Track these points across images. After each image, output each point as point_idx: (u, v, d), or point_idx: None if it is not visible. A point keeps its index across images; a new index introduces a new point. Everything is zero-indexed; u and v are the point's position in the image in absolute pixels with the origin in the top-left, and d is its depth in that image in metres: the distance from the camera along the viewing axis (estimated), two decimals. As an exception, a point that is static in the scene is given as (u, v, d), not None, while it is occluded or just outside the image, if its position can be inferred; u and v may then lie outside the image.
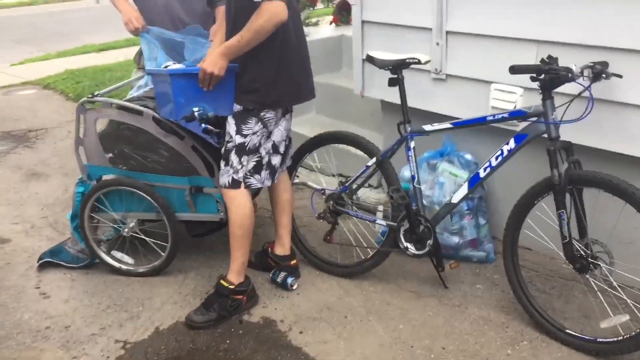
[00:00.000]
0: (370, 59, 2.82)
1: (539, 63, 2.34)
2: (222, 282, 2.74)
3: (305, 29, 4.73)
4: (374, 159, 2.84)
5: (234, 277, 2.74)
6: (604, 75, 2.36)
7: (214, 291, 2.77)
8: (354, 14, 3.60)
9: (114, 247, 3.16)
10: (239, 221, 2.67)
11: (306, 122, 4.45)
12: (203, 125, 2.62)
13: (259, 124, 2.59)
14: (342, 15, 5.03)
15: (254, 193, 3.28)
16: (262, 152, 2.65)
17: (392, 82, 2.77)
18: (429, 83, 3.30)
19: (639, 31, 2.41)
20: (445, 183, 3.08)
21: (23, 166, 4.76)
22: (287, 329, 2.67)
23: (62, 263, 3.21)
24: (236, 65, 2.52)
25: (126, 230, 3.07)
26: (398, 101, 2.83)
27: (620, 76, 2.42)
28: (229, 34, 2.50)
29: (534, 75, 2.30)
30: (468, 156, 3.17)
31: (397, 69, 2.74)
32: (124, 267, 3.11)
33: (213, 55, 2.49)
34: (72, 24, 12.89)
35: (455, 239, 3.08)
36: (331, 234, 3.05)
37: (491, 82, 2.92)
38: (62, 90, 7.10)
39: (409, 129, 2.74)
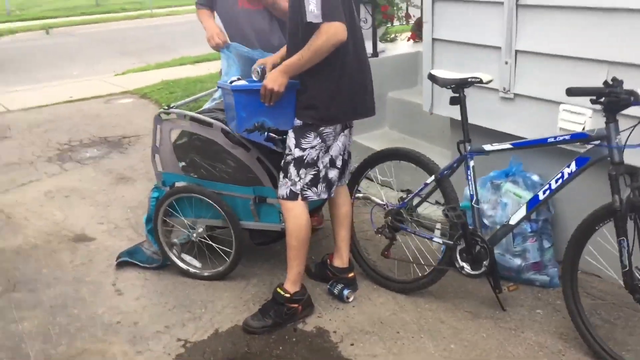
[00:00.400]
0: (432, 78, 2.84)
1: (601, 85, 2.27)
2: (279, 290, 2.83)
3: (382, 45, 4.82)
4: (433, 177, 2.85)
5: (290, 286, 2.83)
6: (673, 99, 2.25)
7: (271, 298, 2.88)
8: (425, 32, 3.63)
9: (184, 250, 3.35)
10: (296, 232, 2.76)
11: (378, 137, 4.50)
12: (266, 134, 2.74)
13: (318, 138, 2.68)
14: (420, 32, 5.03)
15: (319, 205, 3.37)
16: (320, 165, 2.74)
17: (453, 101, 2.77)
18: (497, 102, 3.26)
19: None
20: (508, 204, 3.02)
21: (113, 170, 5.11)
22: (338, 340, 2.73)
23: (137, 263, 3.43)
24: (297, 82, 2.62)
25: (195, 235, 3.24)
26: (469, 119, 2.83)
27: (694, 99, 2.30)
28: (291, 52, 2.61)
29: (594, 98, 2.24)
30: (535, 177, 3.10)
31: (459, 88, 2.75)
32: (191, 270, 3.29)
33: (274, 72, 2.61)
34: (173, 37, 13.61)
35: (518, 261, 3.01)
36: (389, 249, 3.07)
37: (560, 103, 2.86)
38: (157, 100, 7.53)
39: (468, 147, 2.73)
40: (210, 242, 3.26)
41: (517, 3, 3.00)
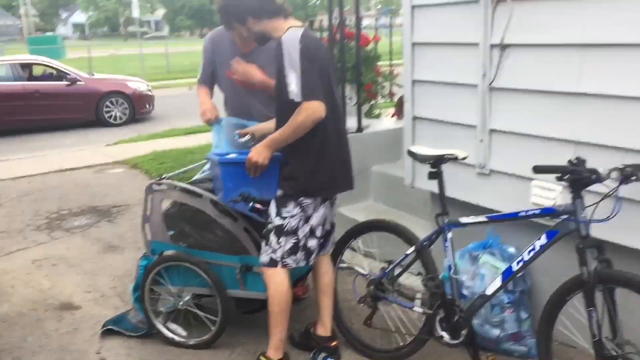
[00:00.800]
0: (411, 154, 3.00)
1: (565, 164, 2.44)
2: (262, 358, 2.88)
3: (367, 121, 5.05)
4: (413, 247, 2.97)
5: (273, 353, 2.88)
6: (634, 178, 2.41)
7: None
8: (406, 110, 3.85)
9: (170, 319, 3.39)
10: (277, 299, 2.85)
11: (362, 209, 4.64)
12: (251, 204, 2.87)
13: (297, 208, 2.81)
14: (402, 110, 5.27)
15: (304, 275, 3.45)
16: (300, 234, 2.85)
17: (432, 176, 2.92)
18: (474, 177, 3.43)
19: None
20: (486, 275, 3.13)
21: (102, 239, 5.18)
22: (320, 410, 2.76)
23: (122, 331, 3.46)
24: (280, 155, 2.78)
25: (181, 303, 3.30)
26: (448, 193, 2.97)
27: (654, 178, 2.47)
28: (277, 126, 2.78)
29: (559, 175, 2.41)
30: (511, 249, 3.23)
31: (436, 164, 2.91)
32: (177, 338, 3.33)
33: (259, 146, 2.79)
34: (165, 109, 13.93)
35: (496, 332, 3.09)
36: (371, 319, 3.14)
37: (532, 179, 3.02)
38: (147, 170, 7.68)
39: (446, 220, 2.87)
40: (196, 311, 3.31)
41: (490, 86, 3.22)
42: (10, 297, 4.06)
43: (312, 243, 2.95)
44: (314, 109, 2.63)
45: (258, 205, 2.92)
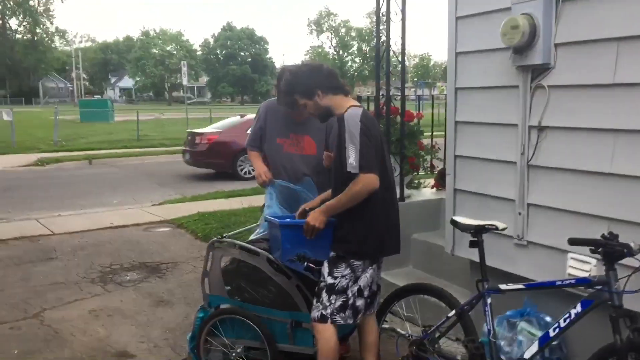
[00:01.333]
0: (454, 223, 3.25)
1: (599, 238, 2.66)
2: None
3: (408, 191, 5.31)
4: (454, 311, 3.17)
5: None
6: (663, 253, 2.61)
7: None
8: (448, 183, 4.11)
9: (222, 370, 3.61)
10: (325, 352, 3.07)
11: (402, 275, 4.84)
12: (305, 264, 3.14)
13: (348, 269, 3.07)
14: (442, 181, 5.54)
15: (347, 334, 3.65)
16: (349, 293, 3.09)
17: (472, 244, 3.16)
18: (511, 247, 3.64)
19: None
20: (523, 341, 3.29)
21: (153, 293, 5.47)
22: None
23: (177, 380, 3.69)
24: (334, 220, 3.06)
25: (234, 354, 3.53)
26: (487, 262, 3.18)
27: (681, 254, 2.66)
28: (334, 194, 3.08)
29: (593, 248, 2.62)
30: (548, 318, 3.39)
31: (477, 233, 3.14)
32: (227, 387, 3.54)
33: (316, 211, 3.09)
34: (209, 173, 14.47)
35: (532, 397, 3.22)
36: (413, 377, 3.31)
37: (568, 252, 3.22)
38: (193, 230, 8.03)
39: (486, 286, 3.07)
40: (248, 362, 3.53)
41: (528, 163, 3.48)
42: (71, 344, 4.34)
43: (360, 303, 3.17)
44: (369, 181, 2.93)
45: (312, 265, 3.19)
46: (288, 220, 3.32)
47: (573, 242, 2.66)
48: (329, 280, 3.10)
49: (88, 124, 29.86)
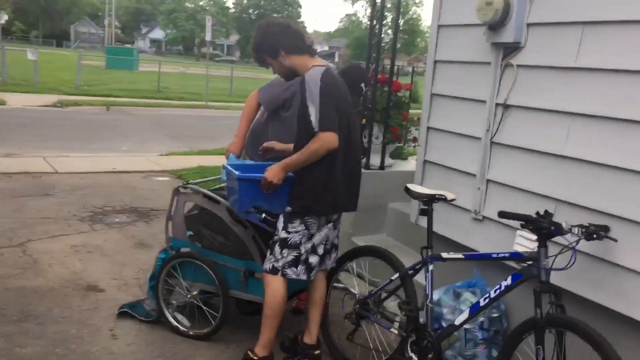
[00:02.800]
0: (407, 191, 3.33)
1: (534, 215, 2.73)
2: (249, 352, 3.23)
3: (392, 161, 5.38)
4: (397, 274, 3.28)
5: (260, 350, 3.22)
6: (595, 236, 2.68)
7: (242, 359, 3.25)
8: (419, 154, 4.19)
9: (177, 310, 3.78)
10: (271, 303, 3.19)
11: (374, 242, 4.92)
12: (262, 215, 3.24)
13: (302, 225, 3.17)
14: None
15: (301, 290, 3.78)
16: (302, 249, 3.19)
17: (423, 212, 3.25)
18: (469, 221, 3.72)
19: (637, 205, 2.74)
20: (464, 310, 3.39)
21: (136, 236, 5.66)
22: (292, 406, 3.06)
23: (136, 315, 3.87)
24: (292, 176, 3.15)
25: (189, 296, 3.69)
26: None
27: (615, 240, 2.73)
28: (295, 149, 3.15)
29: (523, 223, 2.69)
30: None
31: (428, 202, 3.23)
32: (181, 327, 3.71)
33: (275, 168, 3.13)
34: (220, 129, 14.59)
35: (467, 365, 3.34)
36: (353, 334, 3.45)
37: (517, 229, 3.29)
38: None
39: (429, 253, 3.17)
40: (201, 305, 3.69)
41: (492, 140, 3.53)
42: (46, 273, 4.54)
43: (314, 259, 3.27)
44: (328, 139, 3.00)
45: (268, 217, 3.29)
46: (247, 174, 3.32)
47: (503, 215, 2.74)
48: (282, 234, 3.20)
49: (112, 71, 30.09)
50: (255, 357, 3.20)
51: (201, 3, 75.72)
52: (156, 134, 13.32)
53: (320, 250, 3.30)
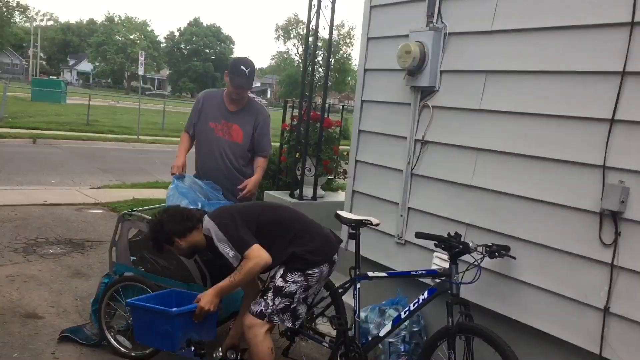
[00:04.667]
0: (338, 217, 3.69)
1: (445, 235, 3.14)
2: None
3: (323, 192, 5.76)
4: (329, 292, 3.60)
5: None
6: (497, 254, 3.11)
7: None
8: (348, 184, 4.58)
9: (119, 333, 3.94)
10: (262, 355, 3.13)
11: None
12: (193, 348, 3.28)
13: (302, 277, 3.17)
14: (355, 186, 6.02)
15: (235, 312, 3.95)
16: (295, 299, 3.16)
17: (351, 236, 3.61)
18: (393, 245, 4.11)
19: (531, 228, 3.20)
20: (388, 325, 3.74)
21: (72, 266, 5.73)
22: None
23: (77, 339, 3.99)
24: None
25: (131, 319, 3.86)
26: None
27: (514, 258, 3.17)
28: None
29: (436, 242, 3.10)
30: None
31: (356, 227, 3.59)
32: (122, 349, 3.87)
33: (208, 295, 3.18)
34: (152, 163, 14.64)
35: (391, 376, 3.68)
36: (288, 349, 3.72)
37: (434, 250, 3.70)
38: (124, 214, 8.26)
39: (357, 273, 3.52)
40: (143, 327, 3.87)
41: (412, 172, 3.96)
42: (-17, 302, 4.58)
43: (302, 309, 3.25)
44: (257, 255, 3.04)
45: (200, 348, 3.31)
46: (183, 308, 3.25)
47: (419, 235, 3.14)
48: (279, 282, 3.14)
49: (39, 104, 29.36)
50: None
51: (132, 37, 75.03)
52: (86, 167, 13.20)
53: (310, 300, 3.32)
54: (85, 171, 12.55)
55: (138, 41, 73.21)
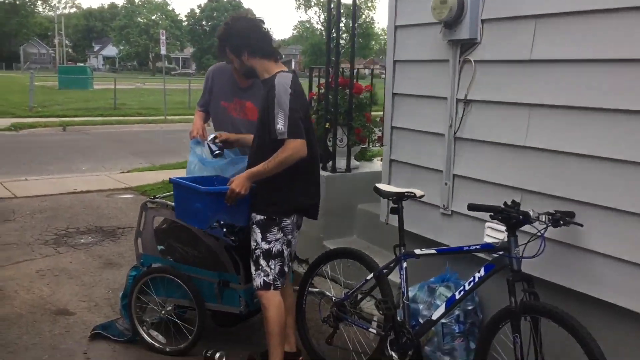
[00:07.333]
0: (377, 190, 3.36)
1: (502, 205, 2.78)
2: None
3: (357, 163, 5.41)
4: (372, 274, 3.29)
5: None
6: (561, 222, 2.74)
7: None
8: (384, 153, 4.22)
9: (152, 327, 3.71)
10: (277, 319, 3.11)
11: (345, 244, 4.94)
12: (225, 229, 3.20)
13: (280, 232, 3.12)
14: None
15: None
16: (285, 257, 3.15)
17: (393, 211, 3.27)
18: (438, 217, 3.76)
19: (600, 190, 2.81)
20: (440, 305, 3.42)
21: (103, 256, 5.55)
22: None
23: (109, 336, 3.79)
24: (254, 185, 3.11)
25: (164, 312, 3.64)
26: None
27: (581, 225, 2.80)
28: (257, 160, 3.11)
29: (492, 214, 2.74)
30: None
31: (398, 200, 3.25)
32: (156, 344, 3.65)
33: (241, 178, 3.09)
34: (180, 143, 14.45)
35: (447, 359, 3.37)
36: (332, 337, 3.45)
37: (485, 221, 3.35)
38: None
39: (402, 251, 3.20)
40: (177, 320, 3.64)
41: (455, 136, 3.59)
42: (13, 300, 4.42)
43: (287, 268, 3.24)
44: (298, 148, 2.97)
45: (231, 231, 3.24)
46: (212, 188, 3.27)
47: (472, 207, 2.78)
48: (264, 245, 3.12)
49: (66, 91, 29.49)
50: None
51: (153, 17, 74.87)
52: (116, 152, 13.12)
53: (290, 258, 3.27)
54: (115, 156, 12.47)
55: (160, 21, 73.05)
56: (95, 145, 14.04)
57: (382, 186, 3.35)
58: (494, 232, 3.27)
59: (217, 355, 3.31)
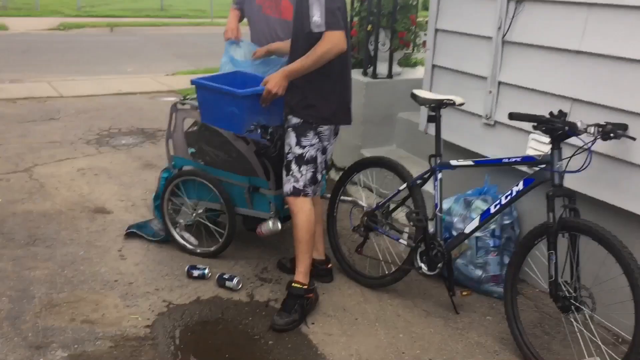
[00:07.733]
0: (413, 97, 3.16)
1: (547, 115, 2.57)
2: (295, 284, 3.02)
3: (399, 69, 5.16)
4: (405, 184, 3.17)
5: (303, 278, 3.04)
6: (612, 135, 2.51)
7: (289, 294, 3.03)
8: (427, 58, 3.97)
9: (184, 229, 3.73)
10: (306, 226, 2.99)
11: (384, 153, 4.80)
12: (261, 131, 3.10)
13: (316, 137, 2.95)
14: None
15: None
16: (318, 164, 3.00)
17: (430, 119, 3.09)
18: (480, 127, 3.56)
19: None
20: (475, 218, 3.30)
21: (143, 157, 5.58)
22: (302, 319, 3.05)
23: (144, 235, 3.84)
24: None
25: (195, 215, 3.64)
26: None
27: (633, 138, 2.57)
28: (293, 57, 2.92)
29: (535, 124, 2.53)
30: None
31: (435, 108, 3.06)
32: (188, 246, 3.67)
33: (277, 77, 2.86)
34: (226, 45, 14.23)
35: (479, 272, 3.28)
36: (362, 247, 3.39)
37: (530, 132, 3.14)
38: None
39: (438, 161, 3.04)
40: (207, 223, 3.64)
41: (503, 39, 3.31)
42: (54, 197, 4.51)
43: (319, 176, 3.09)
44: (338, 40, 2.70)
45: (269, 133, 3.14)
46: (248, 90, 3.04)
47: (514, 117, 2.58)
48: (297, 150, 2.96)
49: (115, -8, 29.25)
50: (305, 287, 3.02)
51: None
52: (162, 54, 13.02)
53: (324, 165, 3.12)
54: (161, 58, 12.37)
55: None
56: (141, 47, 13.95)
57: (420, 92, 3.15)
58: (538, 145, 3.08)
59: (235, 281, 3.28)
